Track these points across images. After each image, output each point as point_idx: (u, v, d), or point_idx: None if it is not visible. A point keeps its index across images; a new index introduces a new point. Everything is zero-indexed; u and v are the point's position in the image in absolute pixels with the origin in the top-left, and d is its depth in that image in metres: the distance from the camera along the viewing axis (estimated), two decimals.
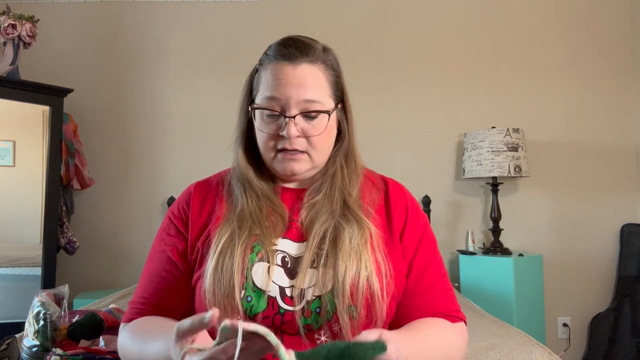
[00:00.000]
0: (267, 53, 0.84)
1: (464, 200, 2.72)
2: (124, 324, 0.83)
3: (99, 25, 2.77)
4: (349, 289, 0.73)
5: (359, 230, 0.78)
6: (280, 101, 0.80)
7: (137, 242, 2.65)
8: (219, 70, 2.73)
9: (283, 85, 0.79)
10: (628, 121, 2.73)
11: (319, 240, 0.78)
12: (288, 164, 0.82)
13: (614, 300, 2.59)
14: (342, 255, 0.75)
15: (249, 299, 0.74)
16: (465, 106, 2.73)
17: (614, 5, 2.76)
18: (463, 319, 0.86)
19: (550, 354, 1.25)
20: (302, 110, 0.80)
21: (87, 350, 0.84)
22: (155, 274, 0.83)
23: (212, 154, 2.65)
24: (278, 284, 0.76)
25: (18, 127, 2.46)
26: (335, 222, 0.80)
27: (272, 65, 0.81)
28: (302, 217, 0.83)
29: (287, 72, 0.80)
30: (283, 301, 0.75)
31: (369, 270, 0.75)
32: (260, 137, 0.84)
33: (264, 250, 0.78)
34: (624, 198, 2.69)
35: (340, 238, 0.77)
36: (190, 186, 0.91)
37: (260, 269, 0.76)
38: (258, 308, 0.74)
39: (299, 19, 2.77)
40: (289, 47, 0.81)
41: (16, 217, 2.45)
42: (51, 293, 1.01)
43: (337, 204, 0.83)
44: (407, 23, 2.78)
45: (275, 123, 0.81)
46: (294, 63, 0.80)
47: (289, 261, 0.78)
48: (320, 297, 0.74)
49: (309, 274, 0.76)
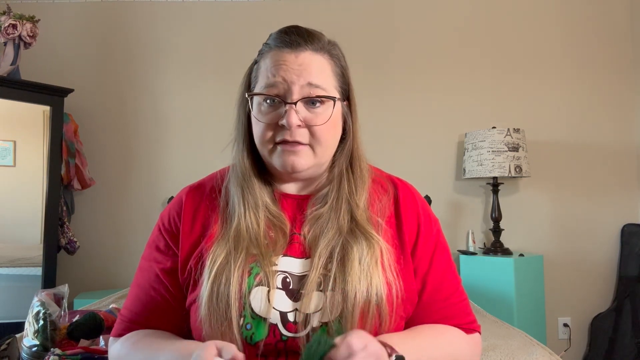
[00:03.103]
0: (267, 42, 0.78)
1: (465, 200, 2.72)
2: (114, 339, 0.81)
3: (99, 25, 2.77)
4: (358, 315, 0.68)
5: (368, 249, 0.72)
6: (280, 87, 0.73)
7: (138, 242, 2.64)
8: (219, 70, 2.73)
9: (284, 70, 0.72)
10: (629, 121, 2.72)
11: (325, 260, 0.72)
12: (288, 158, 0.74)
13: (615, 301, 2.59)
14: (351, 280, 0.69)
15: (248, 327, 0.69)
16: (466, 106, 2.73)
17: (614, 6, 2.76)
18: (477, 329, 0.83)
19: (551, 355, 1.24)
20: (305, 95, 0.73)
21: (86, 350, 0.84)
22: (144, 291, 0.79)
23: (212, 153, 2.64)
24: (279, 310, 0.70)
25: (18, 127, 2.46)
26: (342, 240, 0.73)
27: (273, 52, 0.75)
28: (305, 231, 0.76)
29: (289, 58, 0.73)
30: (285, 327, 0.70)
31: (379, 296, 0.69)
32: (257, 129, 0.76)
33: (263, 272, 0.71)
34: (624, 198, 2.69)
35: (348, 259, 0.71)
36: (182, 192, 0.84)
37: (259, 294, 0.70)
38: (258, 336, 0.69)
39: (299, 19, 2.75)
40: (292, 34, 0.74)
41: (17, 217, 2.45)
42: (51, 293, 1.01)
43: (344, 218, 0.75)
44: (408, 23, 2.77)
45: (275, 112, 0.74)
46: (296, 50, 0.73)
47: (290, 282, 0.72)
48: (326, 323, 0.68)
49: (315, 298, 0.70)
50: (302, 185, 0.83)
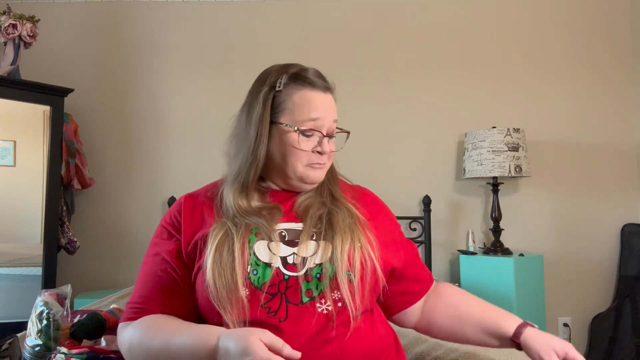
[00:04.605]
0: (294, 78, 0.92)
1: (465, 200, 2.72)
2: (126, 323, 0.84)
3: (99, 25, 2.76)
4: (347, 256, 0.83)
5: (349, 214, 0.90)
6: (318, 122, 0.91)
7: (138, 242, 2.64)
8: (219, 70, 2.73)
9: (323, 109, 0.92)
10: (629, 121, 2.73)
11: (315, 221, 0.88)
12: (317, 173, 0.93)
13: (615, 300, 2.59)
14: (338, 232, 0.85)
15: (255, 272, 0.81)
16: (466, 106, 2.73)
17: (614, 5, 2.77)
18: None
19: None
20: (332, 130, 0.94)
21: (91, 349, 0.84)
22: (151, 275, 0.88)
23: (212, 153, 2.63)
24: (280, 256, 0.83)
25: (19, 127, 2.45)
26: (328, 209, 0.91)
27: (308, 91, 0.92)
28: (296, 206, 0.93)
29: (323, 98, 0.93)
30: (285, 268, 0.82)
31: (361, 242, 0.86)
32: (293, 153, 0.91)
33: (262, 231, 0.85)
34: (624, 198, 2.69)
35: (334, 220, 0.88)
36: (181, 198, 0.97)
37: (261, 246, 0.84)
38: (265, 278, 0.81)
39: (299, 19, 2.77)
40: (323, 80, 0.94)
41: (17, 217, 2.45)
42: (54, 293, 1.01)
43: (327, 197, 0.95)
44: (408, 23, 2.78)
45: (311, 141, 0.92)
46: (325, 93, 0.94)
47: (286, 235, 0.87)
48: (320, 264, 0.82)
49: (310, 245, 0.85)
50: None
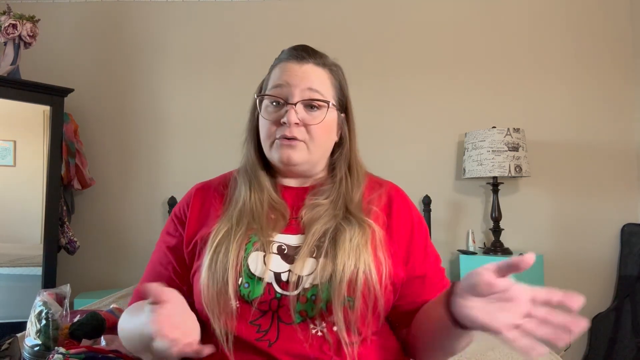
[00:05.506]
0: (278, 57, 0.91)
1: (465, 200, 2.72)
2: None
3: (99, 25, 2.77)
4: (347, 281, 0.74)
5: (360, 231, 0.79)
6: (284, 89, 0.84)
7: (138, 242, 2.64)
8: (220, 69, 2.73)
9: (288, 75, 0.85)
10: (629, 121, 2.72)
11: (318, 237, 0.80)
12: (285, 151, 0.84)
13: (615, 300, 2.59)
14: (341, 254, 0.76)
15: (245, 286, 0.76)
16: (466, 106, 2.73)
17: (614, 5, 2.76)
18: None
19: (551, 354, 1.25)
20: (305, 98, 0.84)
21: (90, 349, 0.84)
22: (153, 267, 0.90)
23: (213, 153, 2.65)
24: (273, 271, 0.77)
25: (19, 127, 2.45)
26: (336, 224, 0.81)
27: (282, 64, 0.88)
28: (302, 214, 0.84)
29: (294, 67, 0.86)
30: (279, 286, 0.76)
31: (367, 266, 0.76)
32: (263, 126, 0.87)
33: (260, 241, 0.80)
34: (624, 198, 2.69)
35: (340, 238, 0.78)
36: (193, 188, 0.95)
37: (256, 258, 0.78)
38: (255, 293, 0.76)
39: (299, 19, 2.77)
40: (299, 50, 0.87)
41: (17, 217, 2.45)
42: (53, 293, 1.01)
43: (340, 210, 0.84)
44: (408, 23, 2.78)
45: (278, 112, 0.85)
46: (301, 62, 0.86)
47: (285, 249, 0.80)
48: (317, 285, 0.75)
49: (308, 263, 0.77)
50: (301, 180, 0.92)
